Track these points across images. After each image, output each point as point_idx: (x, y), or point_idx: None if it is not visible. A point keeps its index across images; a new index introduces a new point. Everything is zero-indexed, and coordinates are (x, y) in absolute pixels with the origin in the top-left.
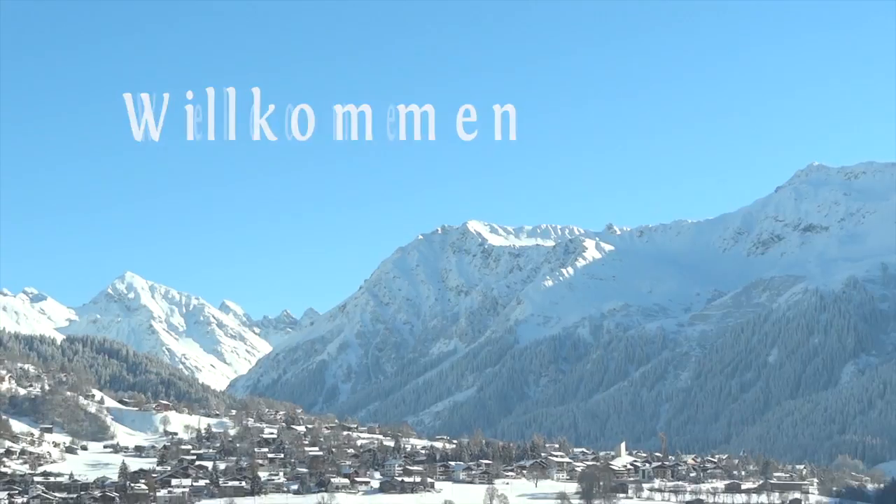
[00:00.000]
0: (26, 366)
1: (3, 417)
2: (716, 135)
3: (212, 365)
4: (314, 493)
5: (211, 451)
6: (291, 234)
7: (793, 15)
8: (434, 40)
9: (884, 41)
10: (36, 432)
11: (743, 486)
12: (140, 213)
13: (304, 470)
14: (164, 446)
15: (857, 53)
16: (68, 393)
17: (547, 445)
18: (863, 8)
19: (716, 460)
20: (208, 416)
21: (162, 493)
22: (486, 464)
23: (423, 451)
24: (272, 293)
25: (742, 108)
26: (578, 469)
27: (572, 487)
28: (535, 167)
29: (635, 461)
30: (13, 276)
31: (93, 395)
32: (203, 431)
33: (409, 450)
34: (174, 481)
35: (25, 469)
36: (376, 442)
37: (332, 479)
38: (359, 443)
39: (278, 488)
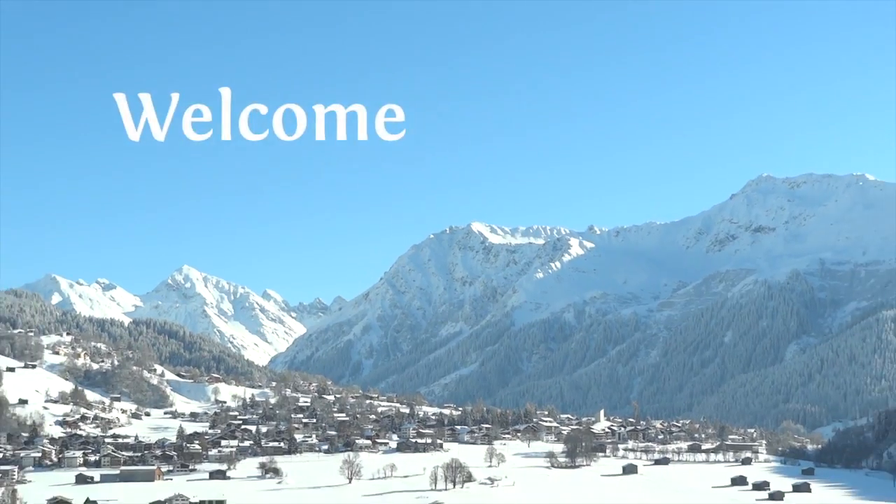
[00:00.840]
0: (99, 344)
1: (80, 388)
2: (680, 149)
3: (255, 344)
4: (342, 451)
5: (254, 416)
6: (322, 231)
7: (745, 47)
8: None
9: (822, 68)
10: (107, 401)
11: (703, 447)
12: (194, 213)
13: (333, 433)
14: (215, 413)
15: (799, 77)
16: (134, 367)
17: (538, 412)
18: (805, 41)
19: (680, 425)
20: (252, 387)
21: (213, 452)
22: (486, 428)
23: (433, 417)
24: (307, 283)
25: (702, 126)
26: (564, 432)
27: (559, 447)
28: (528, 175)
29: (612, 425)
30: (88, 269)
31: (155, 370)
32: (248, 400)
33: (421, 416)
34: (223, 442)
35: (98, 432)
36: (394, 409)
37: (357, 441)
38: (379, 410)
39: (311, 448)
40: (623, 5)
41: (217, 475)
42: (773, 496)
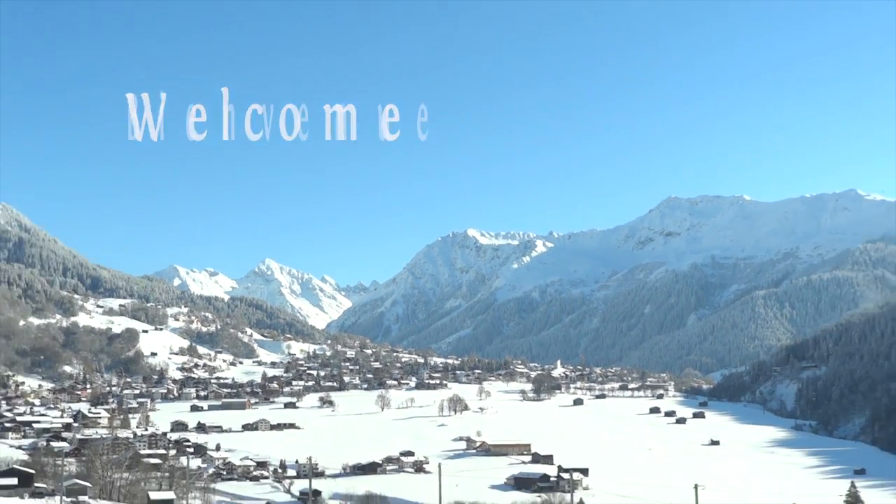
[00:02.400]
0: (206, 314)
1: (193, 344)
2: (613, 175)
3: (316, 314)
4: (376, 389)
5: (315, 364)
6: (362, 231)
7: (658, 100)
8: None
9: (712, 115)
10: (212, 353)
11: (629, 386)
12: (273, 216)
13: (371, 376)
14: (288, 362)
15: (696, 121)
16: (231, 330)
17: (514, 362)
18: (699, 95)
19: (613, 371)
20: (314, 344)
21: (286, 389)
22: (477, 373)
23: (440, 365)
24: (352, 270)
25: (629, 159)
26: (532, 376)
27: (529, 386)
28: (507, 193)
29: (566, 371)
30: (199, 260)
31: (246, 331)
32: (311, 353)
33: (432, 364)
34: (293, 382)
35: (206, 375)
36: (413, 359)
37: (387, 381)
38: (402, 359)
39: (355, 386)
40: (586, 53)
41: (289, 405)
42: (678, 420)
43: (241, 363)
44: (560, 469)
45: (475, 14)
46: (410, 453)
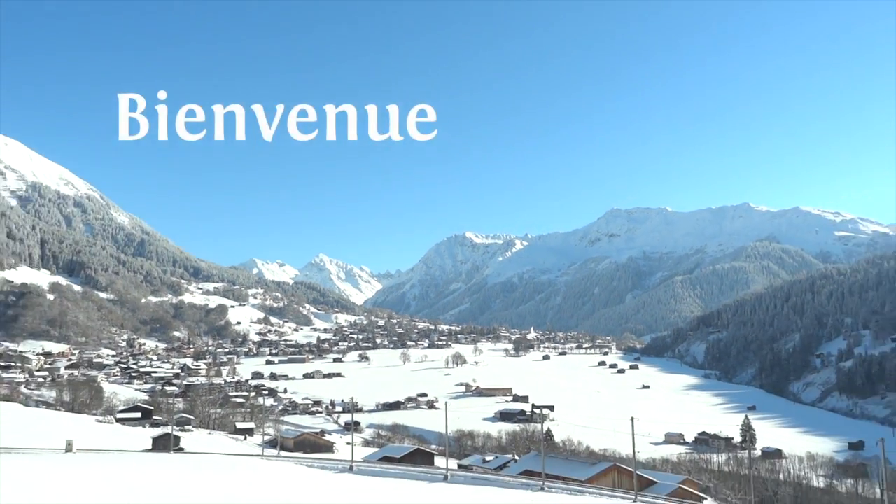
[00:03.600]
0: (277, 294)
1: (267, 316)
2: (572, 189)
3: (356, 294)
4: (400, 348)
5: (355, 330)
6: (389, 231)
7: (608, 131)
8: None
9: (644, 141)
10: (281, 322)
11: (583, 347)
12: (325, 221)
13: (396, 338)
14: (335, 329)
15: (633, 146)
16: (295, 306)
17: (500, 329)
18: (637, 131)
19: (572, 335)
20: (354, 315)
21: (334, 348)
22: (473, 336)
23: (446, 331)
24: (382, 261)
25: (586, 177)
26: (513, 338)
27: (510, 346)
28: (495, 202)
29: (537, 335)
30: (271, 253)
31: (305, 307)
32: (352, 322)
33: (440, 330)
34: (340, 343)
35: (276, 338)
36: (426, 326)
37: (408, 343)
38: (419, 327)
39: (384, 346)
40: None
41: (337, 360)
42: (619, 371)
43: (301, 329)
44: (533, 406)
45: (491, 45)
46: (424, 395)
